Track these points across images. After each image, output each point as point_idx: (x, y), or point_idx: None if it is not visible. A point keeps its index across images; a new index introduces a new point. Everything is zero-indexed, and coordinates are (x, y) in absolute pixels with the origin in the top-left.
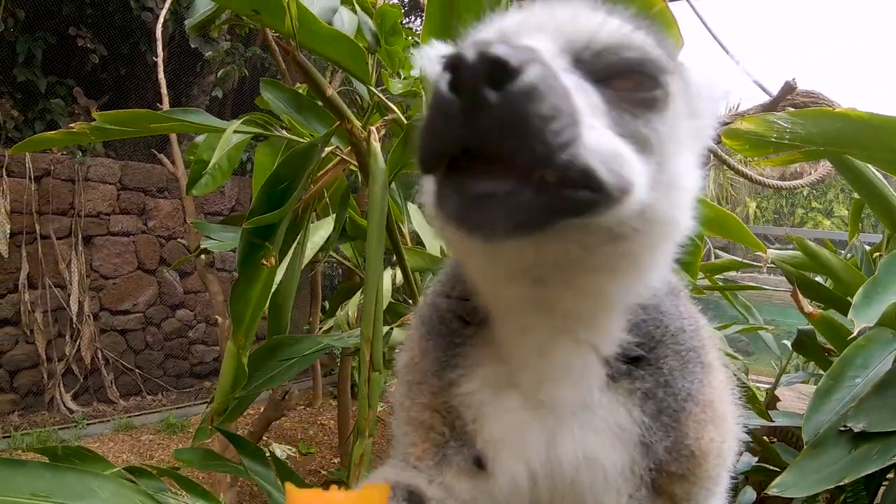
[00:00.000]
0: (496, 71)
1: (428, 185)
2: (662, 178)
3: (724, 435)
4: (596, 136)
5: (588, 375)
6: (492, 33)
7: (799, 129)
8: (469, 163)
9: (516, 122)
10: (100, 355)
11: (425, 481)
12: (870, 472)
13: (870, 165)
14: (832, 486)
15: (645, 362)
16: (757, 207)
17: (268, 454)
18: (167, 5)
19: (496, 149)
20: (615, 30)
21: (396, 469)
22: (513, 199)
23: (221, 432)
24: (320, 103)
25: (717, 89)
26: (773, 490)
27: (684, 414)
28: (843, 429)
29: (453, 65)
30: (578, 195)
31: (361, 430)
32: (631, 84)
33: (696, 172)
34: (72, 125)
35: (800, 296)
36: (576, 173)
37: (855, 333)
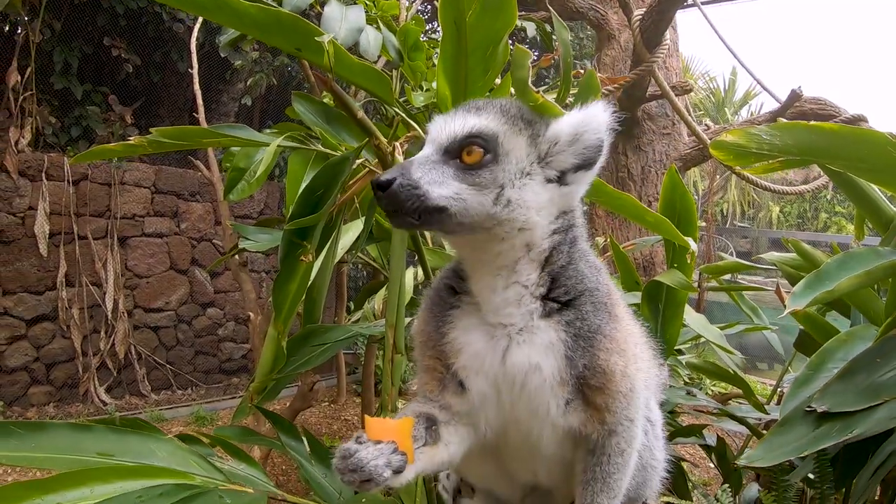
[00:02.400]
0: (380, 186)
1: None
2: (500, 200)
3: (626, 361)
4: (438, 189)
5: (526, 307)
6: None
7: (777, 140)
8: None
9: (390, 202)
10: (133, 351)
11: (437, 409)
12: (829, 445)
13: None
14: (794, 457)
15: (570, 306)
16: (780, 212)
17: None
18: (200, 18)
19: (389, 209)
20: (461, 127)
21: (419, 404)
22: (401, 220)
23: (260, 410)
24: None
25: (572, 136)
26: (742, 461)
27: (595, 341)
28: (808, 409)
29: (371, 182)
30: (432, 216)
31: (385, 405)
32: (469, 157)
33: (540, 190)
34: (131, 138)
35: (783, 292)
36: (425, 211)
37: (784, 314)
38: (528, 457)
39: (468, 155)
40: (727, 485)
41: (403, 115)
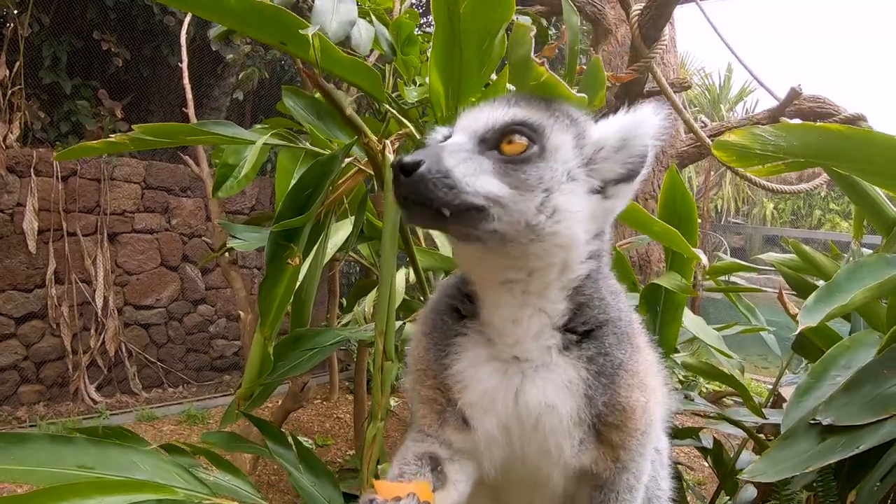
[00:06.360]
0: (403, 169)
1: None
2: (546, 207)
3: (647, 397)
4: (475, 183)
5: (546, 338)
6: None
7: (782, 141)
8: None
9: (413, 190)
10: (123, 348)
11: (438, 445)
12: (834, 461)
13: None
14: (798, 474)
15: (591, 338)
16: (774, 208)
17: (289, 438)
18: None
19: (410, 198)
20: (500, 117)
21: (416, 443)
22: (420, 215)
23: (247, 416)
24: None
25: (620, 141)
26: (744, 476)
27: (617, 377)
28: (812, 422)
29: (393, 164)
30: (465, 215)
31: (374, 414)
32: (511, 147)
33: (584, 200)
34: (112, 135)
35: (785, 297)
36: (458, 209)
37: (797, 332)
38: (529, 495)
39: (509, 144)
40: (728, 499)
41: (395, 112)
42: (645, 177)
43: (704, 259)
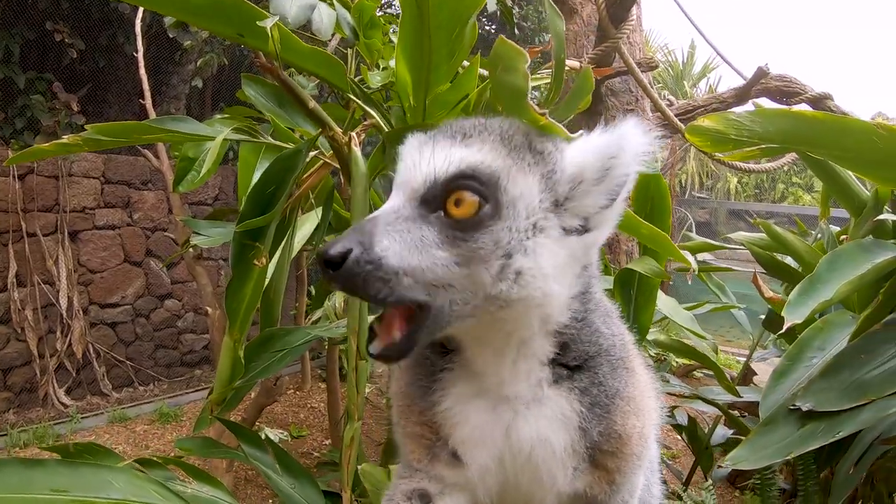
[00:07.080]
0: (329, 263)
1: None
2: (507, 273)
3: (644, 422)
4: (414, 262)
5: (535, 375)
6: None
7: (757, 127)
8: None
9: (346, 285)
10: (91, 349)
11: (427, 480)
12: (815, 447)
13: None
14: (780, 460)
15: (584, 369)
16: (738, 182)
17: (263, 438)
18: None
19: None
20: (443, 167)
21: (405, 480)
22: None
23: (221, 421)
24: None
25: (602, 171)
26: (726, 463)
27: (613, 406)
28: (792, 408)
29: (318, 255)
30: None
31: (351, 414)
32: (459, 210)
33: (558, 248)
34: (65, 137)
35: (759, 281)
36: (388, 302)
37: (783, 329)
38: None
39: (457, 206)
40: (709, 482)
41: (360, 102)
42: (629, 193)
43: (694, 263)
